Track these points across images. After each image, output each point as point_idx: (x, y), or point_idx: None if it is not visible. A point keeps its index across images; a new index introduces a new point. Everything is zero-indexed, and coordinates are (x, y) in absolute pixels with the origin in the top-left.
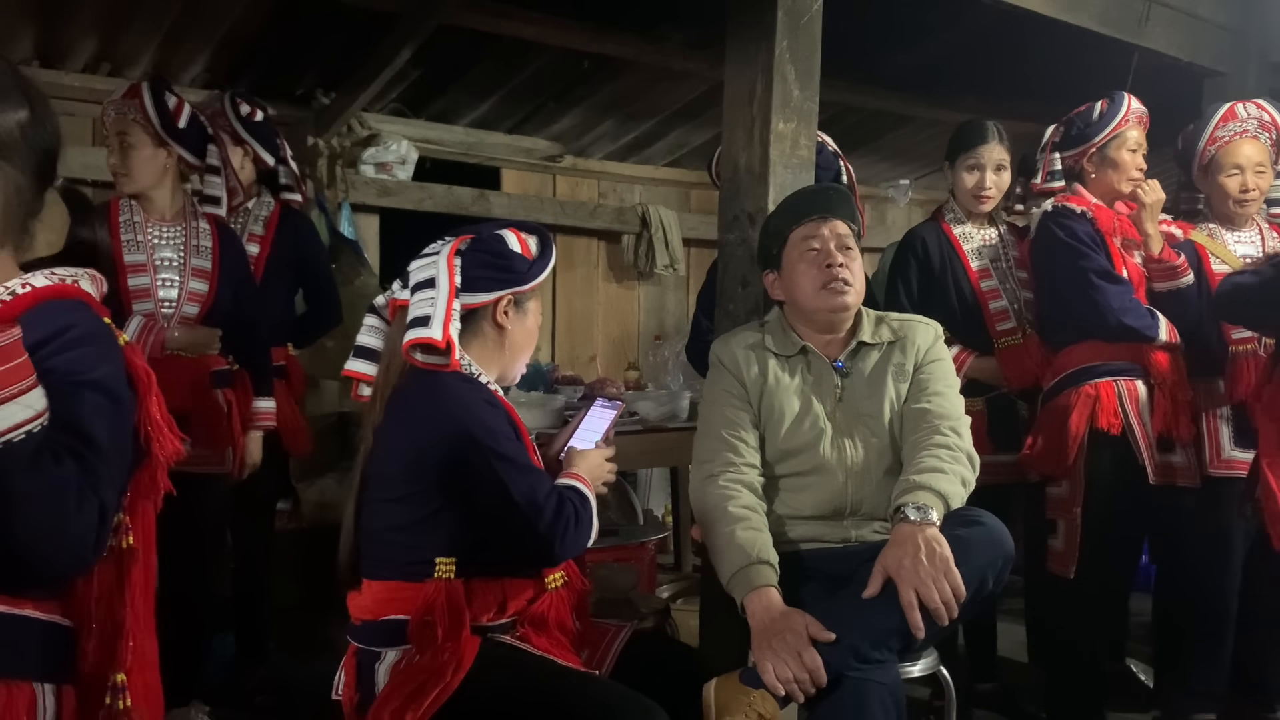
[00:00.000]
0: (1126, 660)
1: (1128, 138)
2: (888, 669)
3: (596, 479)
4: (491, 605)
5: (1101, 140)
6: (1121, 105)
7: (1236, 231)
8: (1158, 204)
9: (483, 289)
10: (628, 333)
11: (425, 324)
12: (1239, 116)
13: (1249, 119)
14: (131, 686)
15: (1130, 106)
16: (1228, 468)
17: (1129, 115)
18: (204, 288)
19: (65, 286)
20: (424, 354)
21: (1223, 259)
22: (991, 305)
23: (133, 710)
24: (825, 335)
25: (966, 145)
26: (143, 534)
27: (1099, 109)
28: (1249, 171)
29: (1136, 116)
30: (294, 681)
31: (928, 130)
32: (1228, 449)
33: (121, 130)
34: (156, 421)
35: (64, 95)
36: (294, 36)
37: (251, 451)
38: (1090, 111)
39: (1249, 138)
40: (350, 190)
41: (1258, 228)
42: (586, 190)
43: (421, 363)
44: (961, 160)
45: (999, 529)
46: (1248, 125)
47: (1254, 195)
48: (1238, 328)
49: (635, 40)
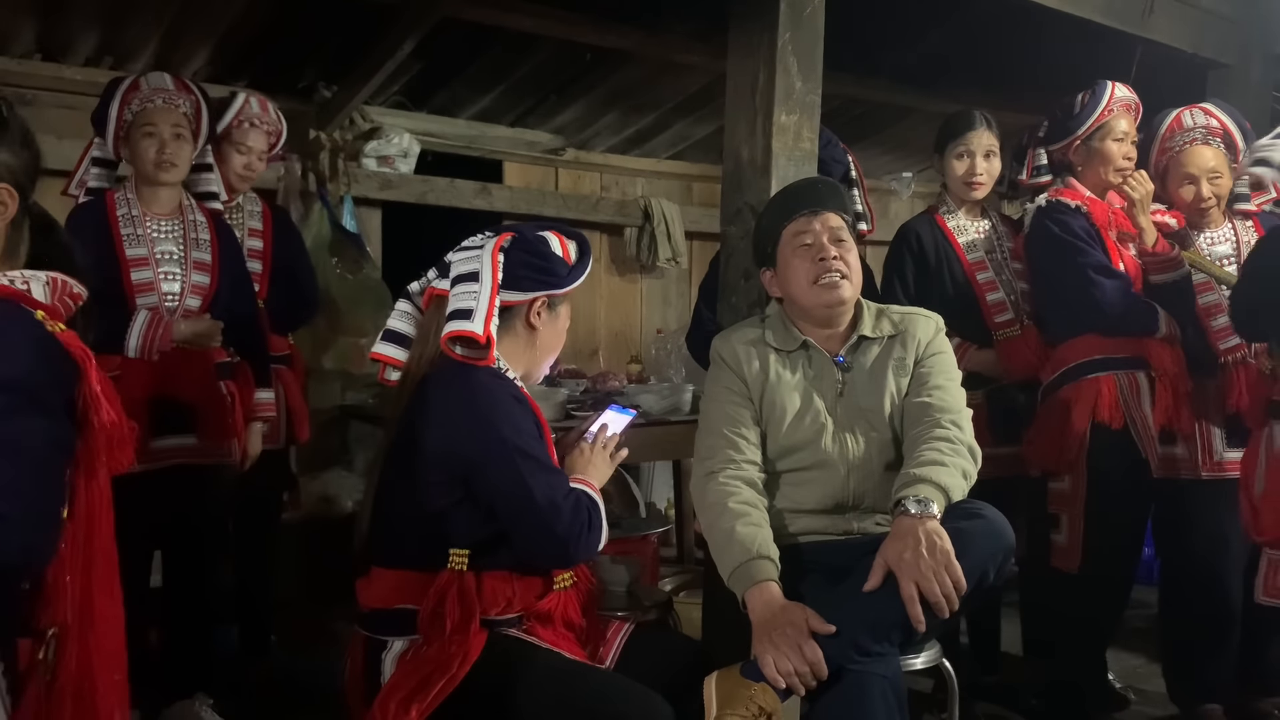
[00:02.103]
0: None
1: (1113, 127)
2: (889, 661)
3: (603, 480)
4: (501, 600)
5: (1085, 132)
6: (1103, 96)
7: (1209, 232)
8: (1147, 196)
9: (521, 288)
10: (630, 326)
11: (467, 317)
12: (1185, 126)
13: (1196, 127)
14: (68, 639)
15: (1113, 95)
16: (1220, 469)
17: (1112, 105)
18: (205, 280)
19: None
20: (463, 347)
21: (1199, 266)
22: (989, 297)
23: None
24: (825, 330)
25: (954, 133)
26: (85, 505)
27: (1080, 101)
28: (1203, 180)
29: (1122, 105)
30: (297, 673)
31: (931, 123)
32: (1220, 450)
33: (176, 123)
34: (95, 394)
35: (66, 89)
36: (296, 29)
37: (253, 443)
38: (1073, 104)
39: (1198, 145)
40: (352, 183)
41: (1230, 225)
42: (589, 183)
43: (459, 356)
44: (950, 148)
45: (1000, 521)
46: (1195, 134)
47: (1211, 203)
48: (1226, 337)
49: (637, 33)
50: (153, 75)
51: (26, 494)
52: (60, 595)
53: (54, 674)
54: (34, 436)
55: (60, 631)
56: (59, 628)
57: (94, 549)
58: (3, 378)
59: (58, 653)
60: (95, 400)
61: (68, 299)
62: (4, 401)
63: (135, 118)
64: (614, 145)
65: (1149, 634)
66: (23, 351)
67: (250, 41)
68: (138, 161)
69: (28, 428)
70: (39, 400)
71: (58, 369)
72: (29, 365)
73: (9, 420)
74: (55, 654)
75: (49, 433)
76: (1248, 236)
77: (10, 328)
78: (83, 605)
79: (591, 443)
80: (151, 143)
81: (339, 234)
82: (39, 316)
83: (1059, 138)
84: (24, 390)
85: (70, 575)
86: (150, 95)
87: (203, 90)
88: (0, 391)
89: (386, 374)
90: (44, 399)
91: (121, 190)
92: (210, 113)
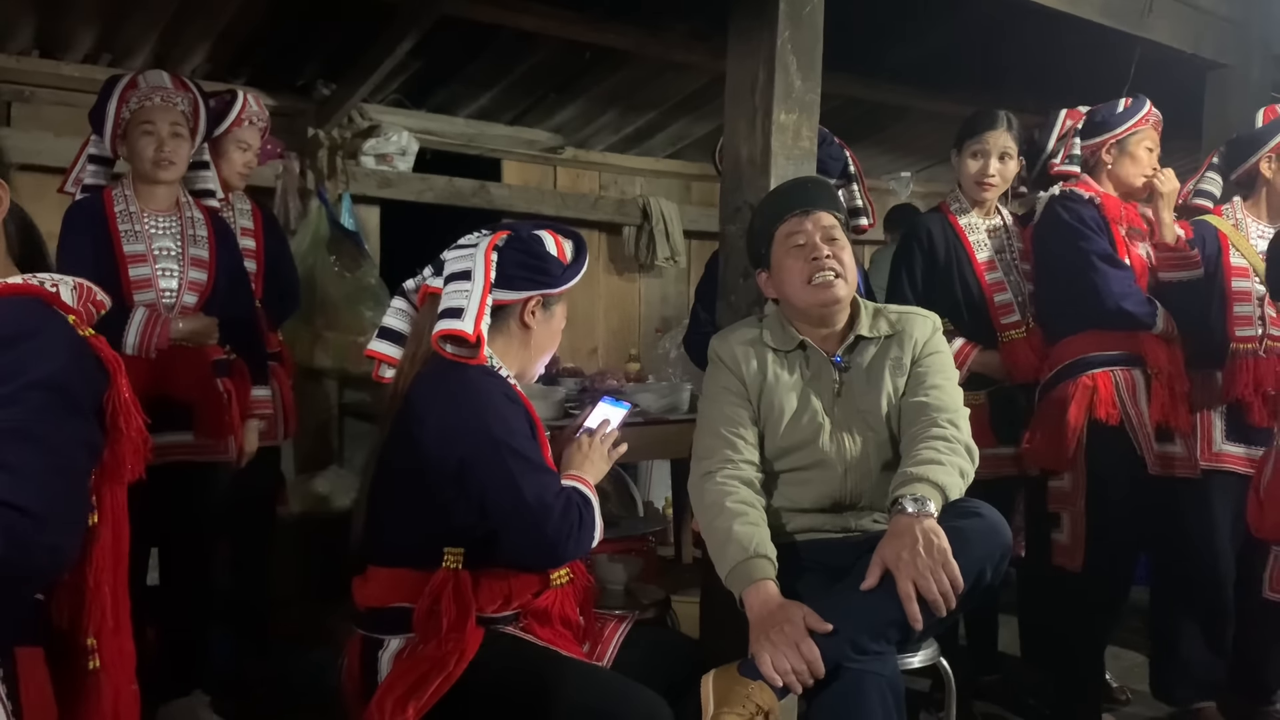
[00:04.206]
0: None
1: (1147, 135)
2: (886, 660)
3: (599, 477)
4: (497, 597)
5: (1124, 131)
6: (1145, 104)
7: (1263, 225)
8: (1173, 193)
9: (515, 287)
10: (629, 325)
11: (458, 316)
12: None
13: None
14: (105, 648)
15: (1152, 110)
16: (1218, 460)
17: (1149, 115)
18: (203, 277)
19: (18, 285)
20: (453, 346)
21: (1242, 251)
22: (996, 298)
23: (101, 671)
24: (822, 329)
25: (974, 131)
26: (110, 511)
27: (1123, 103)
28: None
29: (1155, 121)
30: (293, 672)
31: (929, 122)
32: (1219, 442)
33: (174, 121)
34: (125, 402)
35: (64, 86)
36: (295, 27)
37: (249, 440)
38: (1115, 104)
39: None
40: (351, 181)
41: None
42: (587, 182)
43: (449, 354)
44: (968, 146)
45: (997, 520)
46: None
47: None
48: (1245, 324)
49: (637, 32)
50: (151, 73)
51: (55, 495)
52: (100, 602)
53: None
54: (65, 437)
55: (99, 639)
56: (97, 635)
57: (118, 556)
58: (39, 376)
59: (102, 661)
60: (125, 408)
61: (91, 305)
62: (38, 399)
63: (133, 115)
64: (613, 144)
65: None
66: (59, 351)
67: (249, 39)
68: (136, 159)
69: (60, 427)
70: (72, 401)
71: (90, 373)
72: (64, 365)
73: (42, 418)
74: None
75: (80, 434)
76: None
77: (47, 327)
78: (115, 612)
79: (590, 438)
80: (150, 140)
81: (337, 232)
82: (71, 320)
83: (1098, 132)
84: (59, 389)
85: (107, 585)
86: (148, 93)
87: (200, 88)
88: (35, 389)
89: (381, 371)
90: (77, 400)
91: (119, 187)
92: (210, 112)
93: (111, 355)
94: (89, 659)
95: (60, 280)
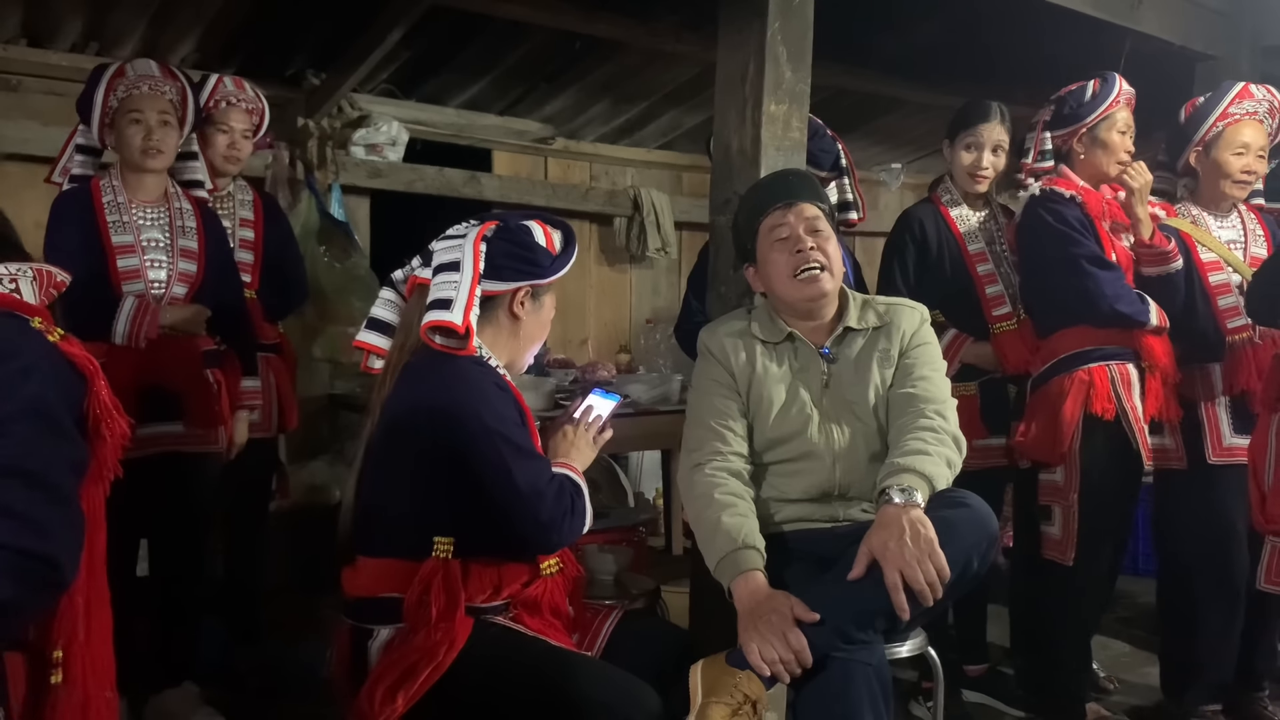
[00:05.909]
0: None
1: (1118, 119)
2: (873, 650)
3: (586, 464)
4: (487, 587)
5: (1093, 120)
6: (1114, 86)
7: (1220, 217)
8: (1146, 187)
9: (504, 278)
10: (620, 316)
11: (446, 307)
12: (1254, 96)
13: (1261, 100)
14: (73, 659)
15: (1122, 88)
16: (1229, 455)
17: (1120, 96)
18: (192, 268)
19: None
20: (442, 337)
21: (1209, 246)
22: (988, 290)
23: (64, 686)
24: (810, 321)
25: (966, 123)
26: (89, 515)
27: (1091, 89)
28: (1252, 153)
29: (1126, 98)
30: (284, 662)
31: (920, 114)
32: (1228, 436)
33: (162, 110)
34: (106, 405)
35: (51, 75)
36: (284, 17)
37: (239, 431)
38: (1082, 91)
39: (1256, 120)
40: (340, 172)
41: (1238, 213)
42: (578, 173)
43: (439, 345)
44: (960, 138)
45: (984, 510)
46: (1259, 108)
47: (1252, 179)
48: (1233, 316)
49: (627, 22)
50: (139, 62)
51: (58, 529)
52: (72, 614)
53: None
54: (56, 465)
55: (67, 651)
56: (65, 648)
57: (93, 561)
58: (22, 405)
59: (66, 673)
60: (106, 412)
61: (53, 289)
62: (24, 430)
63: (121, 104)
64: (604, 135)
65: (1134, 622)
66: (34, 374)
67: (238, 28)
68: (124, 148)
69: (50, 457)
70: (56, 424)
71: (67, 387)
72: (45, 387)
73: (32, 451)
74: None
75: (67, 457)
76: (1252, 225)
77: (23, 347)
78: (86, 622)
79: (573, 426)
80: (138, 130)
81: (327, 222)
82: (36, 324)
83: (1066, 124)
84: (43, 415)
85: (80, 594)
86: (136, 82)
87: (188, 77)
88: (19, 420)
89: (370, 362)
90: (60, 421)
91: (107, 177)
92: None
93: (85, 357)
94: (52, 672)
95: (19, 274)
